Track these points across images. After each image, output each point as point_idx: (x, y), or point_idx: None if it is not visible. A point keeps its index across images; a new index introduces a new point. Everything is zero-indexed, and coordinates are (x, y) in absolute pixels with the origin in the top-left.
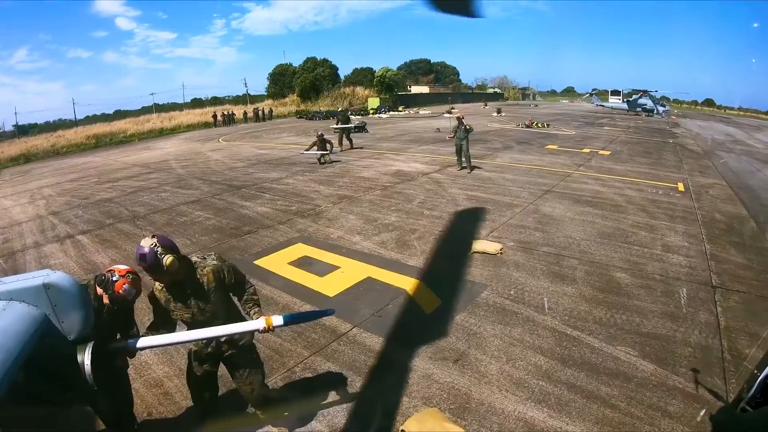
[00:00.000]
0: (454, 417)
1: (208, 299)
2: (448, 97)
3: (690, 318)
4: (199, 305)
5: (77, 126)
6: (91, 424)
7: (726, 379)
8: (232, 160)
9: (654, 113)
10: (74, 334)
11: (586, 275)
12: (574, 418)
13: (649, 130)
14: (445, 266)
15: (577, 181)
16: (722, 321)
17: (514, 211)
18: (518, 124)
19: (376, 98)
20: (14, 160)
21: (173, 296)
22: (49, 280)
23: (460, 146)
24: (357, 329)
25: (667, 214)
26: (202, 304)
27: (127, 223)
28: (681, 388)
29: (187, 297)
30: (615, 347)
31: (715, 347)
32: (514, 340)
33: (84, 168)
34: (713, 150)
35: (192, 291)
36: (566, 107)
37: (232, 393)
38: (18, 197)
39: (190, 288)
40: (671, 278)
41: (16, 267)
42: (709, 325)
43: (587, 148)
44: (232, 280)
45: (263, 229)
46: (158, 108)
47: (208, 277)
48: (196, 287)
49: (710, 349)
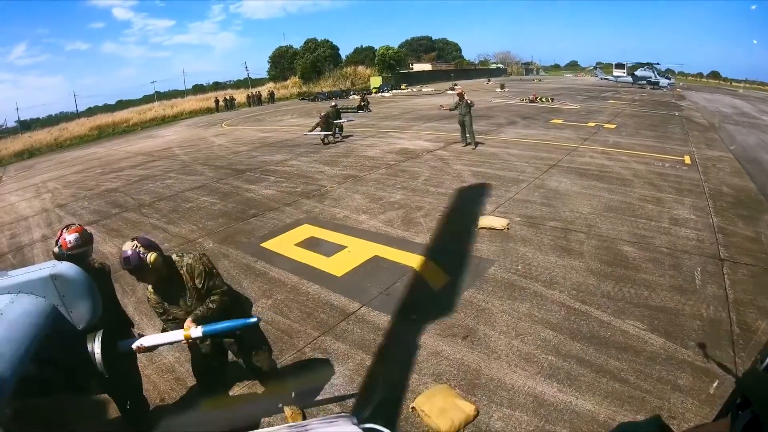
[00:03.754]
0: (464, 393)
1: (192, 297)
2: (450, 74)
3: (698, 291)
4: (187, 303)
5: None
6: (104, 411)
7: (735, 352)
8: (236, 144)
9: (659, 86)
10: (83, 323)
11: (593, 249)
12: (583, 392)
13: (654, 103)
14: (452, 243)
15: (582, 155)
16: (731, 294)
17: (519, 186)
18: (522, 99)
19: (378, 77)
20: (18, 156)
21: (162, 297)
22: (56, 270)
23: (463, 122)
24: (365, 308)
25: (674, 188)
26: (189, 301)
27: (134, 212)
28: (690, 361)
29: (175, 296)
30: (624, 321)
31: (723, 320)
32: (523, 315)
33: (88, 159)
34: (719, 123)
35: (177, 289)
36: (570, 81)
37: (241, 373)
38: (23, 192)
39: (175, 286)
40: (679, 251)
41: (25, 261)
42: (717, 299)
43: (592, 122)
44: (201, 282)
45: (269, 211)
46: (160, 96)
47: (185, 276)
48: (179, 285)
49: (719, 323)
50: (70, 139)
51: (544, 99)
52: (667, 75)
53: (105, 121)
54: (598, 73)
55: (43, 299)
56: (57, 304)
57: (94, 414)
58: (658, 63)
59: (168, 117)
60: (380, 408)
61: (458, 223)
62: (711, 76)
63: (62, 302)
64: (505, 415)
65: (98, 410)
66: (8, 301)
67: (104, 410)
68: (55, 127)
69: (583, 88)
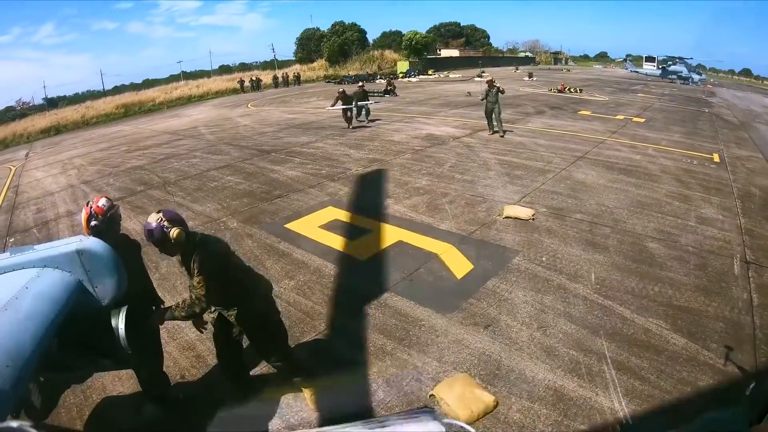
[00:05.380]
0: (484, 383)
1: None
2: (478, 61)
3: (723, 293)
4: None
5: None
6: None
7: (756, 357)
8: (261, 125)
9: (689, 81)
10: (108, 299)
11: (618, 244)
12: (603, 388)
13: (684, 98)
14: (477, 231)
15: (610, 148)
16: (755, 298)
17: (546, 176)
18: (550, 89)
19: (405, 62)
20: (45, 132)
21: (187, 271)
22: (82, 246)
23: (491, 110)
24: (388, 293)
25: (702, 185)
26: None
27: (158, 189)
28: (711, 363)
29: (191, 273)
30: (646, 319)
31: (746, 324)
32: (546, 307)
33: (114, 137)
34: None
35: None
36: (599, 72)
37: None
38: (49, 168)
39: (194, 264)
40: (705, 251)
41: (50, 235)
42: (741, 302)
43: (621, 115)
44: (194, 269)
45: (293, 192)
46: (186, 76)
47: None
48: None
49: (742, 326)
50: (97, 117)
51: (572, 89)
52: (698, 71)
53: (131, 100)
54: (628, 65)
55: (69, 274)
56: (82, 279)
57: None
58: (691, 58)
59: (194, 96)
60: (399, 393)
61: (483, 212)
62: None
63: (87, 277)
64: (524, 408)
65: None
66: (34, 275)
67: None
68: (82, 104)
69: (613, 80)
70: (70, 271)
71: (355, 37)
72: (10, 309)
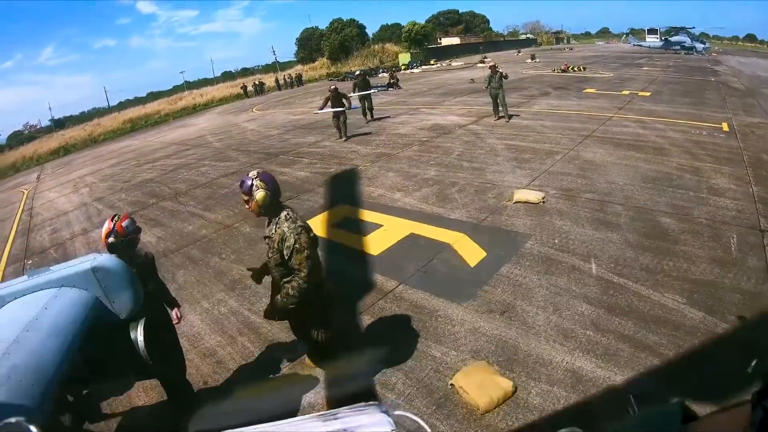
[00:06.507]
0: (503, 369)
1: (274, 256)
2: (479, 47)
3: (738, 264)
4: (268, 255)
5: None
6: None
7: None
8: (267, 128)
9: (693, 51)
10: (126, 312)
11: (630, 221)
12: (622, 367)
13: (689, 68)
14: (488, 218)
15: (617, 124)
16: None
17: (554, 158)
18: (554, 70)
19: (407, 53)
20: (54, 153)
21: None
22: (97, 263)
23: (496, 95)
24: (402, 286)
25: (712, 156)
26: (270, 255)
27: (170, 200)
28: (730, 336)
29: (267, 241)
30: (662, 294)
31: (765, 294)
32: (560, 289)
33: (123, 152)
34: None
35: (270, 237)
36: (602, 49)
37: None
38: (62, 188)
39: (270, 233)
40: (718, 222)
41: (67, 255)
42: (758, 271)
43: (626, 90)
44: (288, 254)
45: (304, 193)
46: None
47: (276, 235)
48: (270, 236)
49: (760, 297)
50: (104, 134)
51: (576, 68)
52: (702, 39)
53: (137, 114)
54: (630, 39)
55: (86, 291)
56: (99, 296)
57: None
58: (692, 27)
59: (199, 105)
60: (419, 385)
61: (493, 198)
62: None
63: (104, 293)
64: (544, 391)
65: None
66: (52, 296)
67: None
68: (89, 123)
69: (616, 56)
70: (86, 289)
71: (354, 33)
72: (32, 329)
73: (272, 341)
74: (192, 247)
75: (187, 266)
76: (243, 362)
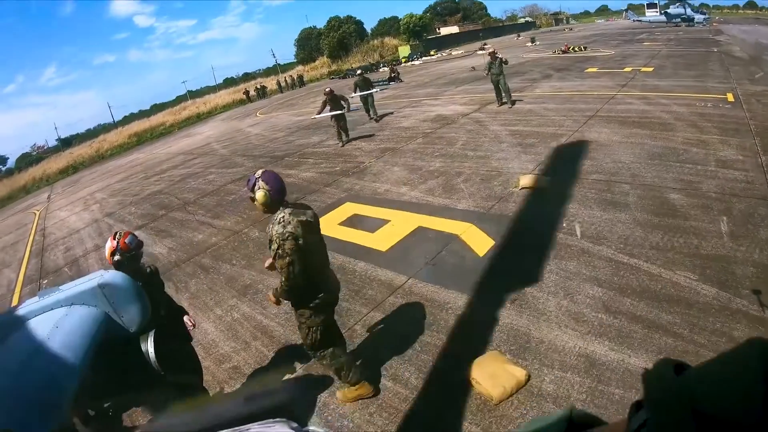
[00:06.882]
0: (515, 358)
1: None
2: (479, 34)
3: (750, 236)
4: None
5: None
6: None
7: None
8: (272, 131)
9: (694, 22)
10: (135, 326)
11: (638, 200)
12: (635, 349)
13: (690, 40)
14: (495, 206)
15: (621, 102)
16: None
17: (559, 141)
18: (554, 51)
19: (406, 46)
20: (63, 172)
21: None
22: (104, 280)
23: (497, 81)
24: (412, 280)
25: (719, 128)
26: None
27: (179, 211)
28: (745, 311)
29: None
30: (674, 272)
31: None
32: (570, 273)
33: (130, 166)
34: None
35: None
36: (602, 27)
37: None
38: (73, 206)
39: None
40: (728, 195)
41: (81, 272)
42: None
43: (628, 67)
44: (272, 257)
45: (310, 194)
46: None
47: (268, 237)
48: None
49: None
50: (111, 149)
51: (576, 48)
52: (701, 10)
53: (142, 127)
54: (629, 15)
55: (95, 308)
56: (108, 311)
57: None
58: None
59: (202, 113)
60: (432, 378)
61: (499, 186)
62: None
63: (113, 308)
64: (557, 378)
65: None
66: (63, 314)
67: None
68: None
69: (617, 33)
70: (95, 305)
71: (352, 30)
72: (44, 348)
73: (286, 343)
74: (203, 255)
75: (198, 275)
76: (258, 366)
